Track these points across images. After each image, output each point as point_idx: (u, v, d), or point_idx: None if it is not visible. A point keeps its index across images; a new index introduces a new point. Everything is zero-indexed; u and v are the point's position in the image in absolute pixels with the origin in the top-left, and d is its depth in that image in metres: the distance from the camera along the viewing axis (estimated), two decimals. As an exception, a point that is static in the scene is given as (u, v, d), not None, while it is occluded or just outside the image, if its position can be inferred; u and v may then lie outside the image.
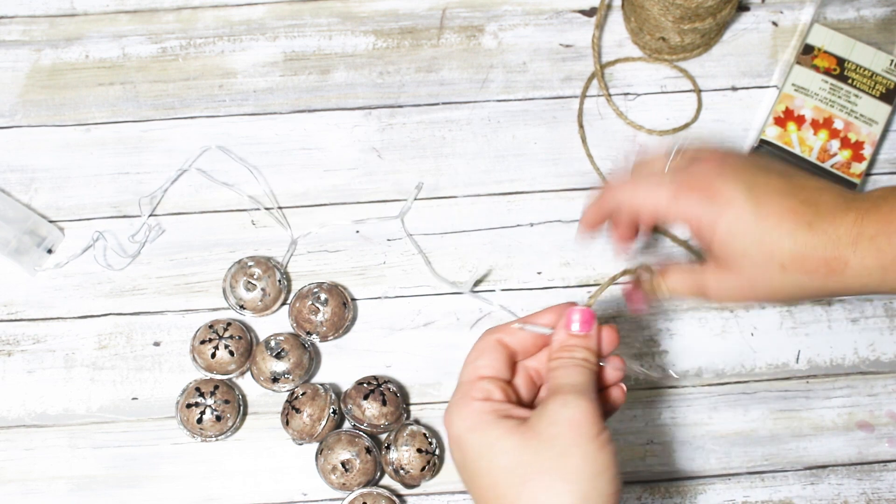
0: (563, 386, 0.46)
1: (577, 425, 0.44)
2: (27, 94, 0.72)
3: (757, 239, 0.49)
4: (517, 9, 0.74)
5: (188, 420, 0.62)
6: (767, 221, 0.49)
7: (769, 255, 0.50)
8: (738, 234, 0.50)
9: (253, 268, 0.65)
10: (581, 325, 0.49)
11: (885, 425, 0.64)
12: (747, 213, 0.49)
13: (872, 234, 0.48)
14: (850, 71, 0.68)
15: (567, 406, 0.45)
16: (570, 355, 0.48)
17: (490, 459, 0.45)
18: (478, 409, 0.47)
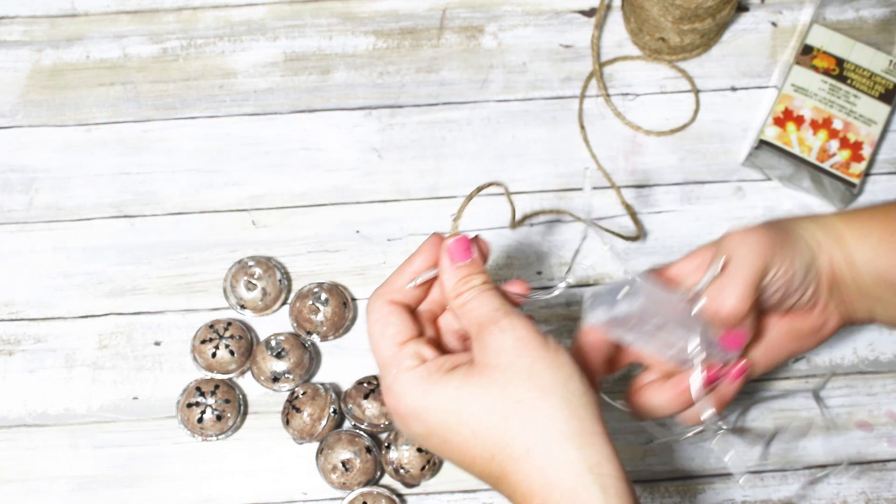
0: (486, 314, 0.45)
1: (525, 342, 0.44)
2: (28, 95, 0.72)
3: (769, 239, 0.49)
4: (517, 9, 0.74)
5: (189, 420, 0.62)
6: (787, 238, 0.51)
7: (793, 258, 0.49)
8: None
9: (253, 268, 0.65)
10: (461, 254, 0.47)
11: (884, 425, 0.64)
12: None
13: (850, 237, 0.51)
14: (850, 71, 0.68)
15: (505, 330, 0.44)
16: (470, 285, 0.47)
17: (459, 413, 0.44)
18: (419, 374, 0.45)
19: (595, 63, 0.71)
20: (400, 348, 0.46)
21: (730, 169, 0.70)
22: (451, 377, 0.44)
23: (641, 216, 0.68)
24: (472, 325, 0.46)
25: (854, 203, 0.69)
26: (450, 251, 0.48)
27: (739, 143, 0.70)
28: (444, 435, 0.44)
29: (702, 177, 0.70)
